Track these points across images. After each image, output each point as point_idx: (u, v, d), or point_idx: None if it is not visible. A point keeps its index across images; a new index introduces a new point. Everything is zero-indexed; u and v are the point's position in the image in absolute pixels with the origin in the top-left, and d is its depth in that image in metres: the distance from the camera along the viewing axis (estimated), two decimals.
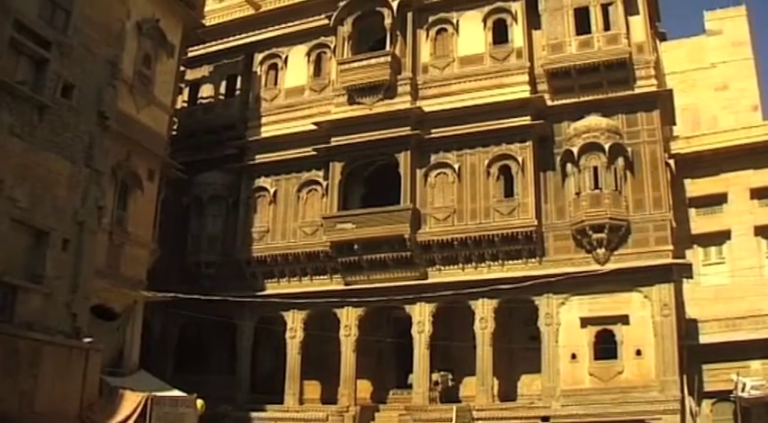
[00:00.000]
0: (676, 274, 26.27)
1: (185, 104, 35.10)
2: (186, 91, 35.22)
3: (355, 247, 29.34)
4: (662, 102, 28.12)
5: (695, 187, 32.15)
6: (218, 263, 31.95)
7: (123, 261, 25.76)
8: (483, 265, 28.28)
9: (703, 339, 29.60)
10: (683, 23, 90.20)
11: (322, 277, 30.77)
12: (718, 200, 31.88)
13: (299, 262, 30.93)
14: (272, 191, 31.98)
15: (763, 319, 29.51)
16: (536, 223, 27.47)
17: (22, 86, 19.78)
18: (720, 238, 31.65)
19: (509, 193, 28.33)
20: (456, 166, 29.05)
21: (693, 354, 28.52)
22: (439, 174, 29.46)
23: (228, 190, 32.66)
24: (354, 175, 31.14)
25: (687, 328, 28.98)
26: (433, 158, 29.61)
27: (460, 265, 28.54)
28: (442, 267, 28.79)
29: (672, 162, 30.14)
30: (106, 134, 22.97)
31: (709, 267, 31.58)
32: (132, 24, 26.07)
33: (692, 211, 32.16)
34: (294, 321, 30.35)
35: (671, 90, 29.57)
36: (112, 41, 23.67)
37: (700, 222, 31.97)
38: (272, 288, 31.21)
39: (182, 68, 31.75)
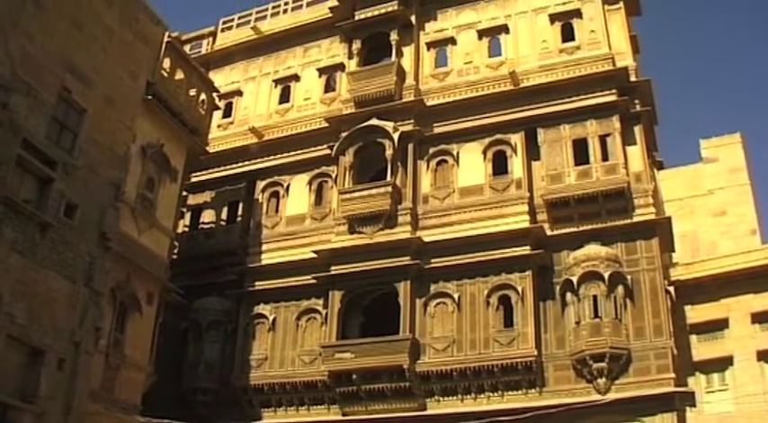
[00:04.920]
0: (679, 402, 25.71)
1: (186, 229, 35.28)
2: (188, 215, 35.49)
3: (354, 376, 28.84)
4: (661, 229, 28.17)
5: (696, 313, 32.07)
6: (215, 390, 31.29)
7: (118, 384, 25.40)
8: (482, 396, 27.73)
9: None
10: (680, 152, 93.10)
11: (320, 407, 30.10)
12: (720, 325, 31.75)
13: (297, 391, 30.35)
14: (271, 318, 31.74)
15: None
16: (536, 353, 27.09)
17: (25, 204, 20.03)
18: (723, 364, 31.37)
19: (509, 322, 28.03)
20: (456, 296, 28.88)
21: None
22: (438, 303, 29.24)
23: (227, 316, 32.41)
24: (354, 304, 30.95)
25: None
26: (433, 288, 29.46)
27: (460, 396, 27.97)
28: (441, 398, 28.21)
29: (672, 289, 30.13)
30: (107, 255, 23.17)
31: (713, 395, 31.21)
32: (137, 148, 26.55)
33: (694, 338, 32.01)
34: None
35: (669, 218, 29.69)
36: (117, 164, 24.16)
37: (701, 349, 31.76)
38: (269, 417, 30.50)
39: (184, 193, 32.32)
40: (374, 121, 32.30)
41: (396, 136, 31.49)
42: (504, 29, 33.38)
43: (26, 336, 19.71)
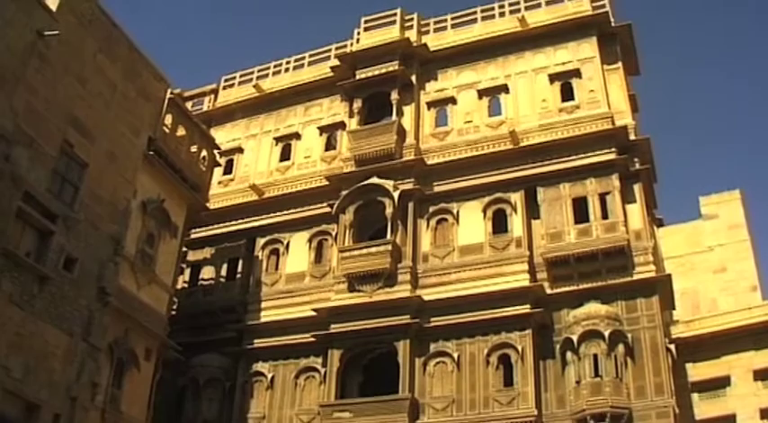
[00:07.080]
0: None
1: (186, 285, 35.12)
2: (187, 271, 35.36)
3: None
4: (661, 287, 28.09)
5: (697, 371, 31.76)
6: None
7: None
8: None
9: None
10: (680, 209, 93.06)
11: None
12: (722, 383, 31.42)
13: None
14: (269, 376, 31.46)
15: None
16: (536, 413, 26.75)
17: (25, 256, 20.01)
18: (726, 422, 31.00)
19: (509, 382, 27.79)
20: (455, 355, 28.67)
21: None
22: (438, 363, 29.02)
23: (226, 373, 32.08)
24: (353, 363, 30.68)
25: None
26: (433, 347, 29.27)
27: None
28: None
29: (672, 347, 29.94)
30: (106, 310, 23.11)
31: None
32: (138, 203, 26.59)
33: (695, 396, 31.65)
34: None
35: (669, 275, 29.55)
36: (117, 219, 24.21)
37: (703, 407, 31.38)
38: None
39: (184, 249, 32.24)
40: (374, 180, 32.42)
41: (396, 194, 31.59)
42: (504, 88, 33.73)
43: (22, 390, 19.55)
